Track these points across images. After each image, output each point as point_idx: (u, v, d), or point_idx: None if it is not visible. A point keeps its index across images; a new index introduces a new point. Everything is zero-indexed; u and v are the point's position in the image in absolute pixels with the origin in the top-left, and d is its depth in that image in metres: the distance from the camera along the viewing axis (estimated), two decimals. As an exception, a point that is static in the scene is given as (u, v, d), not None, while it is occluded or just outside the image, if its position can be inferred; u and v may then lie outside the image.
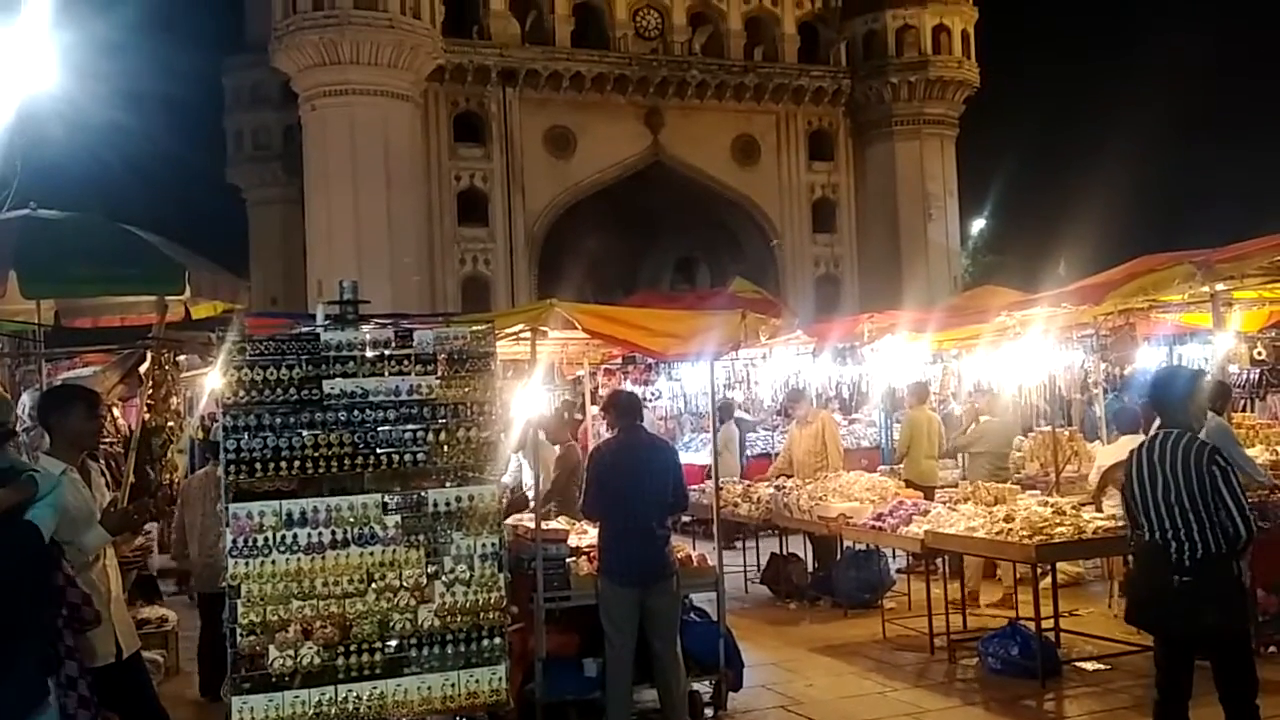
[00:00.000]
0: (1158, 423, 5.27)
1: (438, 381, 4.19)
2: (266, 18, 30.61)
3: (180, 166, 38.47)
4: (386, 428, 4.12)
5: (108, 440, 8.79)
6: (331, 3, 27.63)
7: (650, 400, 16.45)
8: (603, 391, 17.09)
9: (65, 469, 4.53)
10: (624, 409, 6.76)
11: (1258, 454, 8.89)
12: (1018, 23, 48.52)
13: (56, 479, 4.09)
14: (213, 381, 9.66)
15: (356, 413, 4.08)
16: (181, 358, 9.03)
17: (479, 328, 4.45)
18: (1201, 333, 12.39)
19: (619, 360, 14.26)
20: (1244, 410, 12.29)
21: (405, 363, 4.18)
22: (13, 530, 3.77)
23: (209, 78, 39.01)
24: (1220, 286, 8.54)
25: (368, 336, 4.19)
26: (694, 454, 15.39)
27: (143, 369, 8.27)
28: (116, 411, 9.17)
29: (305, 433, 4.02)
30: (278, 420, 4.01)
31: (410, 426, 4.15)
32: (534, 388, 9.08)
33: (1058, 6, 58.84)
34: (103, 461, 7.01)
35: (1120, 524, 7.32)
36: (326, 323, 4.28)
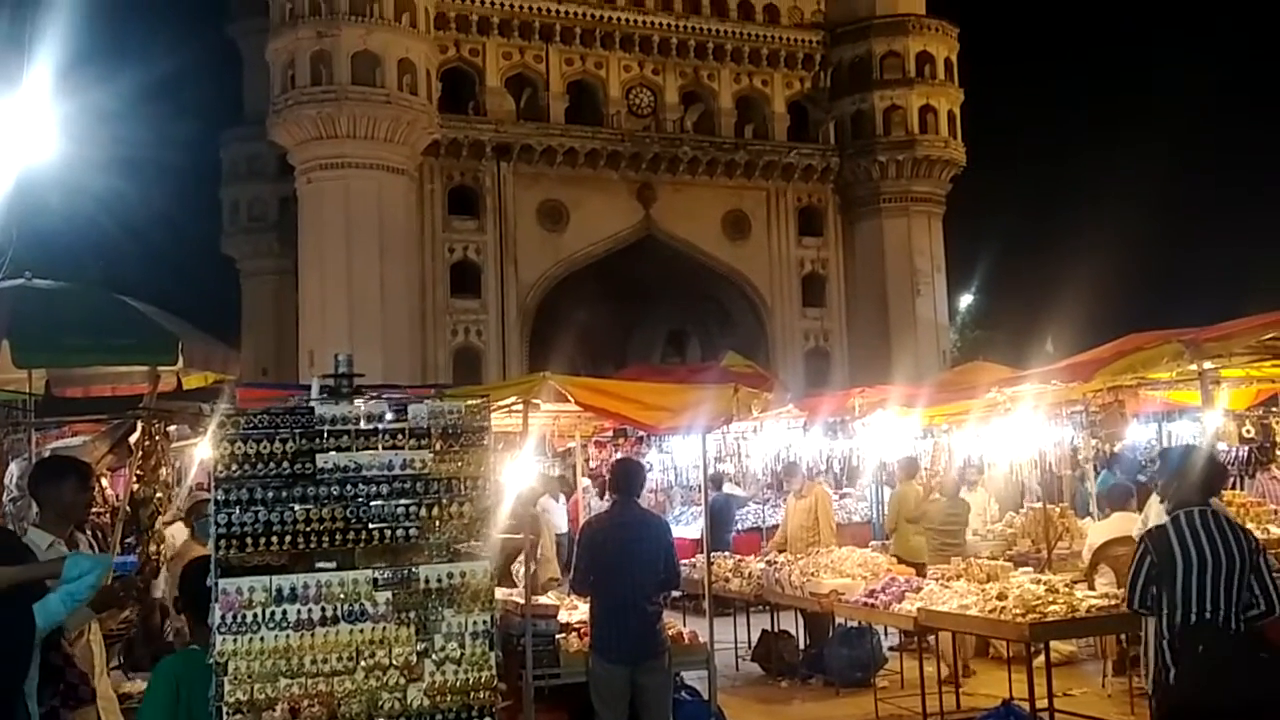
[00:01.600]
0: (1168, 502, 5.14)
1: (431, 456, 4.17)
2: (265, 92, 31.09)
3: (176, 236, 38.78)
4: (379, 502, 4.08)
5: (95, 510, 8.72)
6: (330, 78, 28.08)
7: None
8: (593, 464, 17.09)
9: (53, 541, 4.49)
10: (622, 481, 6.73)
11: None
12: (1003, 104, 49.57)
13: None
14: (202, 452, 9.63)
15: (349, 487, 4.05)
16: (172, 428, 9.01)
17: (474, 402, 4.45)
18: (1190, 410, 12.47)
19: (610, 433, 14.27)
20: (1234, 488, 12.30)
21: (399, 437, 4.16)
22: (6, 610, 3.71)
23: (206, 150, 39.47)
24: (1208, 365, 8.61)
25: (362, 410, 4.18)
26: (684, 527, 15.30)
27: (132, 439, 8.24)
28: (105, 482, 9.12)
29: (297, 507, 3.98)
30: (270, 494, 3.97)
31: (403, 501, 4.12)
32: (525, 460, 9.06)
33: (1041, 88, 60.18)
34: (89, 533, 6.95)
35: (1115, 602, 7.28)
36: (321, 396, 4.28)
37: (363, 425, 4.17)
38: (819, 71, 35.90)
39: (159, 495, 7.82)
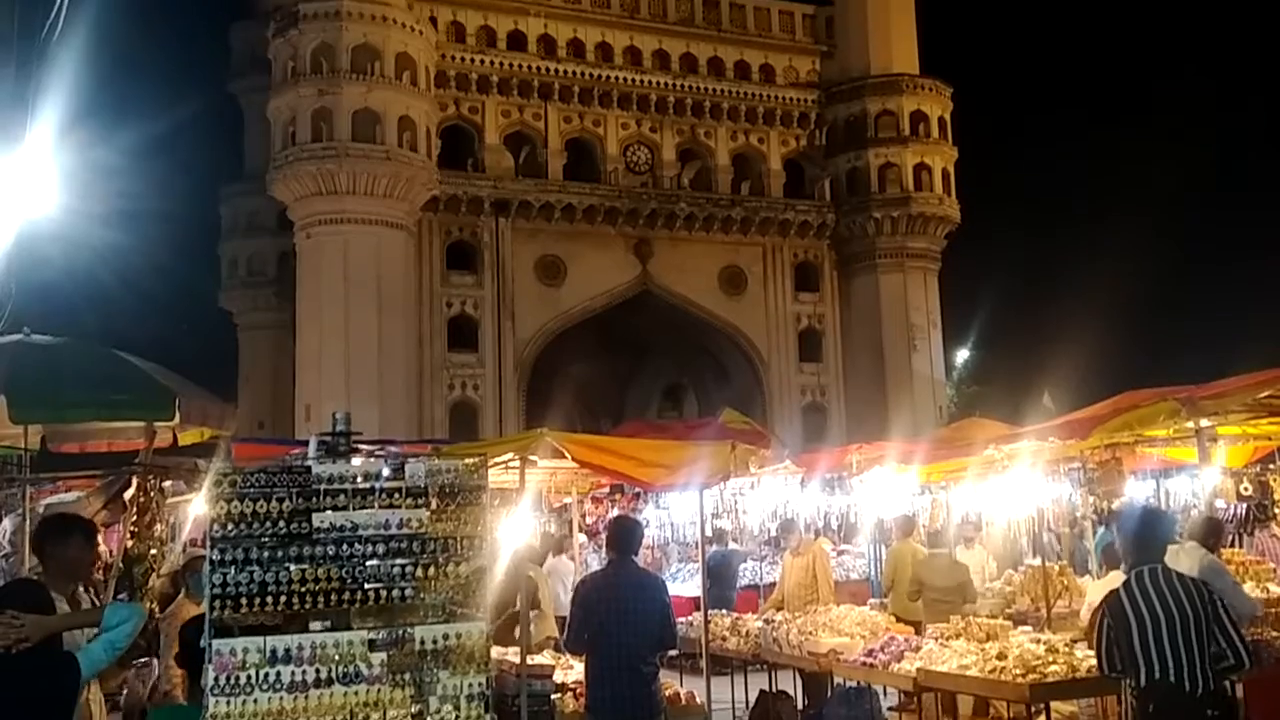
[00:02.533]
0: (1123, 564, 5.25)
1: (428, 515, 4.17)
2: (265, 148, 31.40)
3: (174, 290, 38.96)
4: (375, 562, 4.08)
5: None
6: (331, 134, 28.35)
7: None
8: (589, 520, 16.99)
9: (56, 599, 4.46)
10: (619, 540, 6.70)
11: (1249, 591, 8.83)
12: (997, 162, 50.12)
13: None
14: (197, 508, 9.58)
15: (345, 546, 4.05)
16: (167, 484, 8.97)
17: (471, 460, 4.45)
18: (1188, 467, 12.45)
19: (606, 489, 14.21)
20: (1233, 546, 12.24)
21: (396, 496, 4.17)
22: (48, 659, 3.70)
23: (206, 204, 39.84)
24: (1205, 422, 8.64)
25: (359, 469, 4.18)
26: (682, 584, 15.19)
27: (128, 495, 8.21)
28: (99, 538, 9.05)
29: (293, 567, 3.98)
30: (265, 554, 3.97)
31: (399, 561, 4.11)
32: (522, 516, 9.02)
33: (1035, 147, 60.87)
34: (88, 590, 6.89)
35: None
36: (319, 454, 4.29)
37: (360, 484, 4.18)
38: (814, 129, 36.32)
39: (154, 552, 7.77)
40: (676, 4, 35.52)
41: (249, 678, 3.90)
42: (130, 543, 7.43)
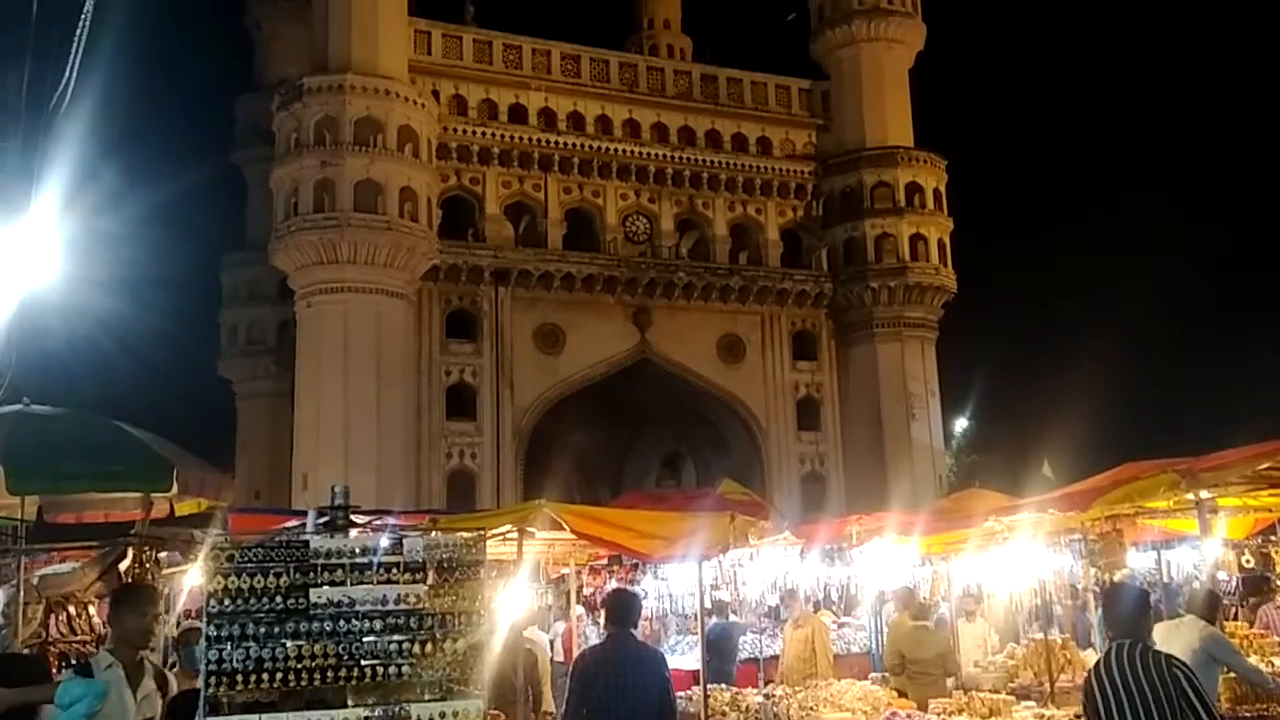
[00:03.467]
0: (1108, 636, 5.30)
1: (426, 591, 4.15)
2: (267, 218, 31.73)
3: (174, 358, 39.01)
4: (372, 638, 4.05)
5: (80, 639, 8.58)
6: (333, 205, 28.64)
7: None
8: (587, 591, 16.84)
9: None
10: (617, 613, 6.64)
11: (1255, 665, 8.74)
12: (993, 233, 50.60)
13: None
14: (192, 579, 9.51)
15: (342, 623, 4.02)
16: (163, 555, 8.92)
17: (469, 535, 4.44)
18: (1189, 538, 12.39)
19: (605, 560, 14.11)
20: (1234, 619, 12.14)
21: (394, 571, 4.15)
22: None
23: (208, 273, 40.15)
24: (1205, 494, 8.62)
25: (357, 544, 4.17)
26: (680, 657, 14.98)
27: (123, 566, 8.16)
28: (92, 610, 8.98)
29: (289, 643, 3.95)
30: (261, 630, 3.94)
31: (396, 637, 4.08)
32: (519, 588, 8.95)
33: (1030, 218, 61.53)
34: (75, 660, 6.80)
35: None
36: (317, 528, 4.28)
37: (357, 558, 4.16)
38: (811, 200, 36.69)
39: (144, 624, 7.69)
40: (675, 78, 36.13)
41: (243, 757, 3.84)
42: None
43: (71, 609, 8.56)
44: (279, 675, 3.95)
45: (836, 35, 36.97)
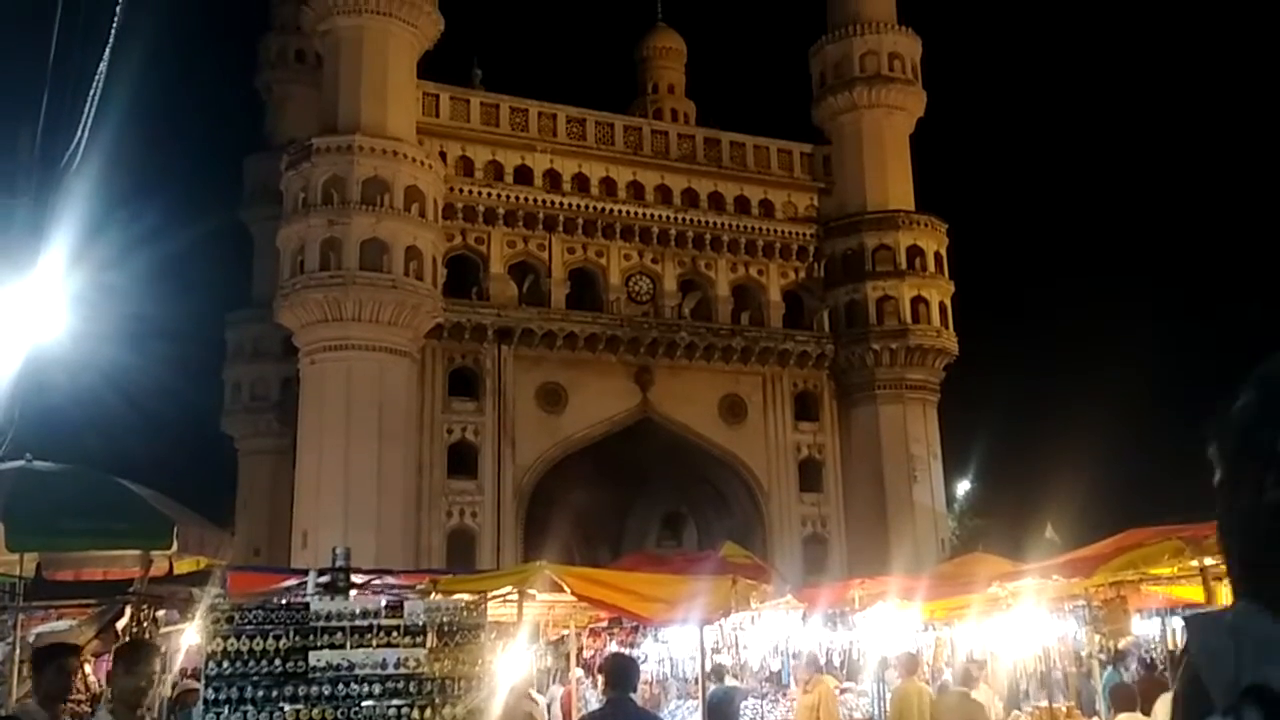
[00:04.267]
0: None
1: (426, 654, 4.12)
2: (273, 276, 31.93)
3: (177, 413, 39.06)
4: (371, 702, 4.02)
5: (76, 698, 8.48)
6: (338, 263, 28.84)
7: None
8: (587, 654, 16.66)
9: None
10: (615, 678, 6.57)
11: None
12: (992, 295, 50.83)
13: None
14: (190, 638, 9.43)
15: (341, 686, 3.99)
16: (160, 613, 8.87)
17: (470, 598, 4.43)
18: (1194, 606, 12.26)
19: (605, 622, 13.99)
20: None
21: (394, 634, 4.13)
22: None
23: (212, 329, 40.32)
24: (1209, 561, 8.57)
25: (357, 607, 4.16)
26: (680, 723, 14.74)
27: (120, 624, 8.10)
28: (88, 668, 8.90)
29: (288, 707, 3.92)
30: (260, 693, 3.92)
31: (396, 702, 4.05)
32: (519, 650, 8.87)
33: (1030, 281, 61.82)
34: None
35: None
36: (317, 590, 4.27)
37: (358, 621, 4.14)
38: (813, 262, 36.92)
39: (143, 684, 7.63)
40: (679, 141, 36.57)
41: (238, 823, 3.80)
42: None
43: (67, 668, 8.47)
44: (276, 739, 3.91)
45: (838, 101, 37.46)
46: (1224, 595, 9.98)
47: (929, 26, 39.54)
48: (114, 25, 9.02)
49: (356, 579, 4.75)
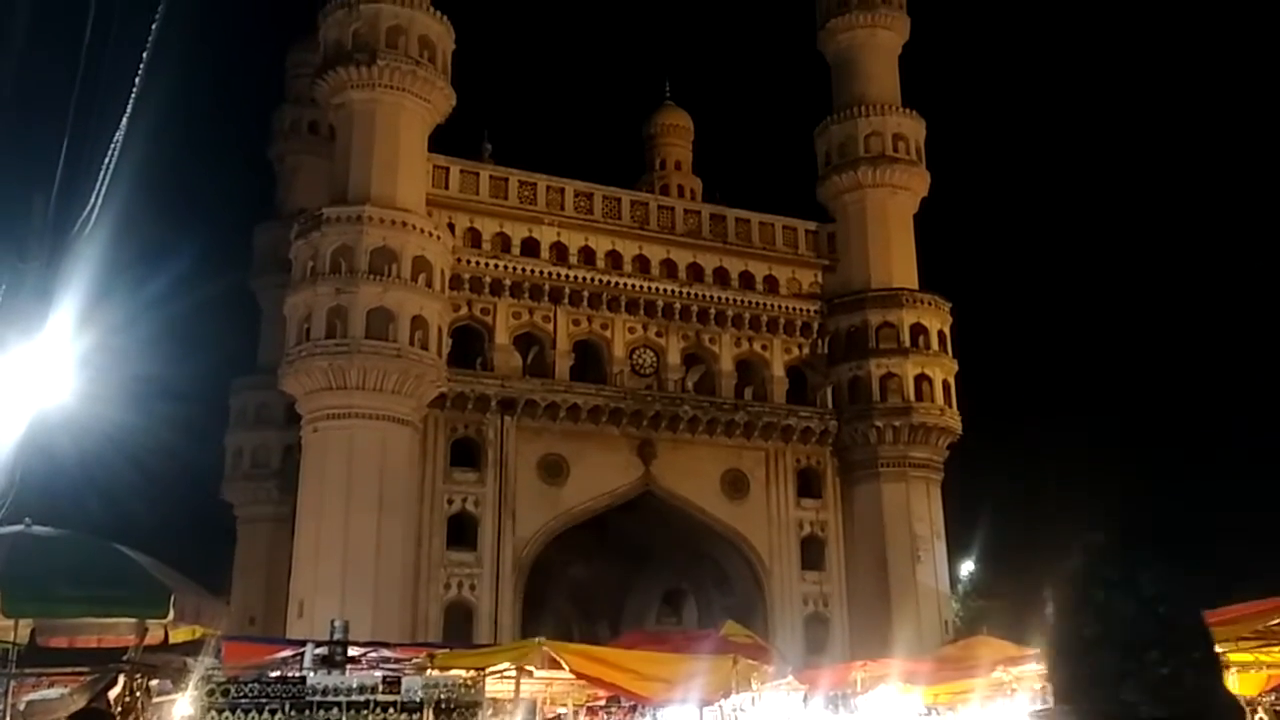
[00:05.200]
0: None
1: (423, 732, 4.08)
2: (279, 344, 32.06)
3: (178, 479, 38.97)
4: (366, 780, 3.96)
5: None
6: (344, 331, 28.97)
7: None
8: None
9: None
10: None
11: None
12: (995, 375, 50.89)
13: None
14: (183, 708, 9.29)
15: (336, 763, 3.94)
16: (154, 682, 8.75)
17: (468, 674, 4.38)
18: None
19: (603, 700, 13.78)
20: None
21: (391, 710, 4.08)
22: None
23: (217, 395, 40.38)
24: (1216, 648, 8.47)
25: (355, 681, 4.11)
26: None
27: (113, 694, 7.99)
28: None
29: (281, 784, 3.86)
30: (254, 769, 3.86)
31: (390, 780, 3.99)
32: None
33: (1035, 363, 61.92)
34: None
35: None
36: (315, 662, 4.22)
37: (355, 696, 4.10)
38: (817, 338, 37.02)
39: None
40: (684, 217, 36.94)
41: None
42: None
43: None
44: (267, 818, 3.84)
45: (843, 180, 37.91)
46: (1230, 683, 9.84)
47: (933, 109, 40.23)
48: (132, 95, 9.20)
49: (353, 651, 4.70)
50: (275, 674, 4.06)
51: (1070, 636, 1.48)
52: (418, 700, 4.09)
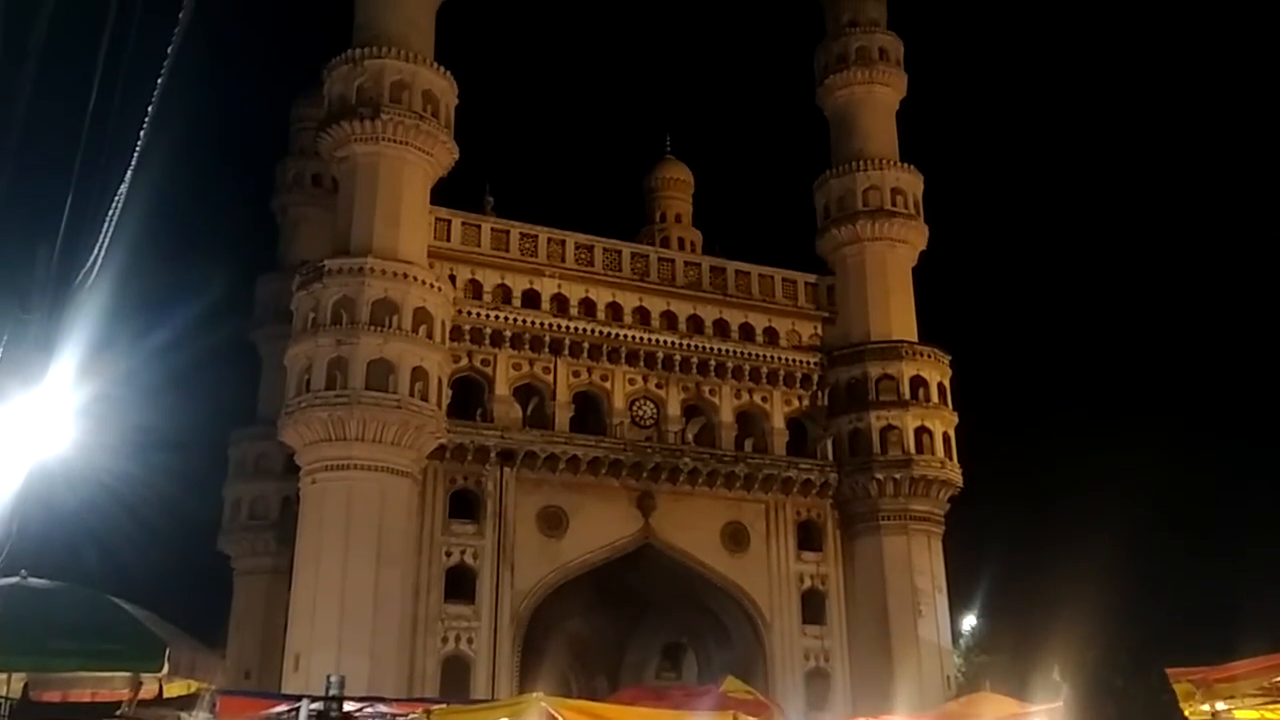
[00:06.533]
0: None
1: (418, 790, 4.03)
2: (279, 395, 32.06)
3: (176, 530, 38.74)
4: (359, 839, 3.90)
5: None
6: (344, 382, 28.97)
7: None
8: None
9: None
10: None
11: None
12: (995, 428, 50.83)
13: None
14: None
15: (329, 821, 3.88)
16: (146, 739, 8.66)
17: (464, 730, 4.33)
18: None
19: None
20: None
21: (386, 767, 4.03)
22: None
23: (215, 446, 40.30)
24: (1220, 705, 8.41)
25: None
26: None
27: (104, 751, 7.91)
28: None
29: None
30: (246, 827, 3.81)
31: (384, 839, 3.93)
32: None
33: (1032, 415, 61.86)
34: None
35: None
36: (310, 718, 4.18)
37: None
38: (817, 390, 37.02)
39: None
40: (685, 269, 37.12)
41: None
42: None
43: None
44: None
45: (842, 234, 38.17)
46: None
47: (931, 164, 40.52)
48: (137, 147, 9.29)
49: (349, 706, 4.65)
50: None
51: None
52: (413, 757, 4.04)
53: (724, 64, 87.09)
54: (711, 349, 35.85)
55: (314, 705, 3.96)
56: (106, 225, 9.51)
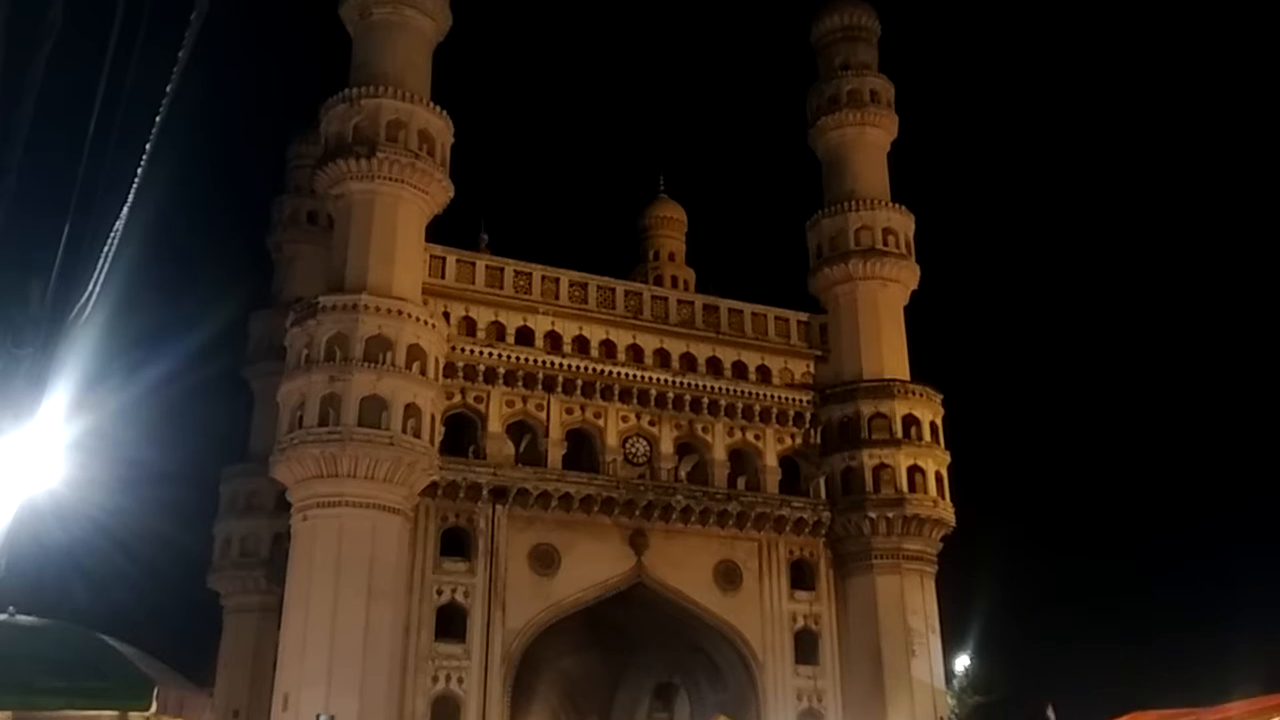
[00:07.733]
0: None
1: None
2: (271, 432, 31.96)
3: (165, 567, 38.53)
4: None
5: None
6: (337, 419, 28.91)
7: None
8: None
9: None
10: None
11: None
12: (988, 468, 50.83)
13: None
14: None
15: None
16: (131, 779, 8.56)
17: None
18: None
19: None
20: None
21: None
22: None
23: (207, 483, 40.14)
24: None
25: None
26: None
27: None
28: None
29: None
30: None
31: None
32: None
33: (1027, 454, 61.96)
34: None
35: None
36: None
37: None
38: (810, 428, 37.02)
39: None
40: (678, 307, 37.23)
41: None
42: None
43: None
44: None
45: (834, 273, 38.35)
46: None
47: (922, 204, 40.80)
48: (134, 184, 9.33)
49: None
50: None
51: None
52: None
53: (717, 104, 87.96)
54: (704, 387, 35.86)
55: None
56: (102, 260, 9.54)
